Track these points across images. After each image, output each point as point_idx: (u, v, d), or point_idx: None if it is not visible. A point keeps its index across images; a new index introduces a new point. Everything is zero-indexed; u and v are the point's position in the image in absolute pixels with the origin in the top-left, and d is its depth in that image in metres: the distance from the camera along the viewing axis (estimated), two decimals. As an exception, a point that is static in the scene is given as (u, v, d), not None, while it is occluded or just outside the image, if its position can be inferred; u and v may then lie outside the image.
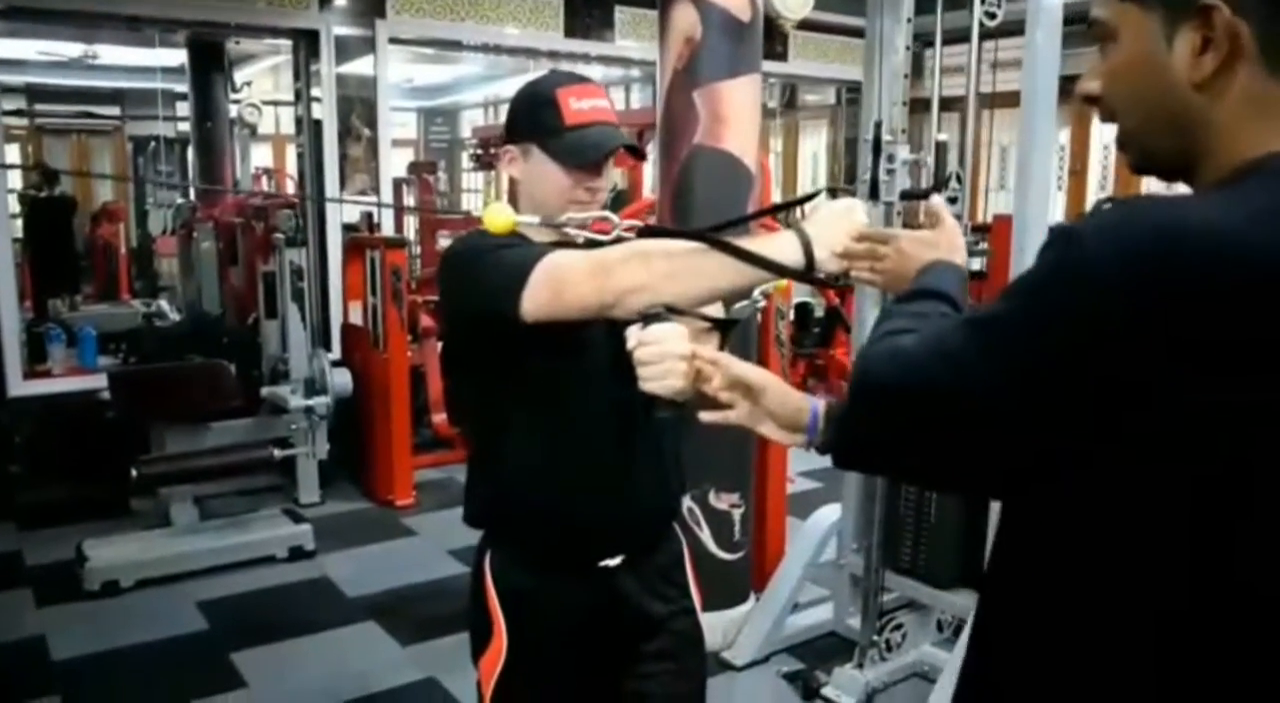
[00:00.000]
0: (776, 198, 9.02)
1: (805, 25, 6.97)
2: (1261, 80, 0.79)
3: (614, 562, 1.68)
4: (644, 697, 1.75)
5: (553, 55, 6.76)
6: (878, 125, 3.03)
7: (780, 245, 1.29)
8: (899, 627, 3.29)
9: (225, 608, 3.78)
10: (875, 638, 3.20)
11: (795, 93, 9.61)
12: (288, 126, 10.59)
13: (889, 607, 3.30)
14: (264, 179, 10.37)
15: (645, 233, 1.53)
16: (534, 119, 1.61)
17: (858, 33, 3.59)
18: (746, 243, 1.33)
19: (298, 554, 4.23)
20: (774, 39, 7.41)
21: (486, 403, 1.71)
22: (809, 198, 1.48)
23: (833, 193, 1.61)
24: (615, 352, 1.48)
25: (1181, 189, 0.88)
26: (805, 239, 1.28)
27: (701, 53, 3.26)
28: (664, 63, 3.36)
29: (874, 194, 3.00)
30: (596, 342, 1.55)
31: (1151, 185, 1.09)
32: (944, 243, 1.23)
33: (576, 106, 1.59)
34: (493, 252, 1.48)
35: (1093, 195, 7.27)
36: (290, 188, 9.48)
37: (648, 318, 1.30)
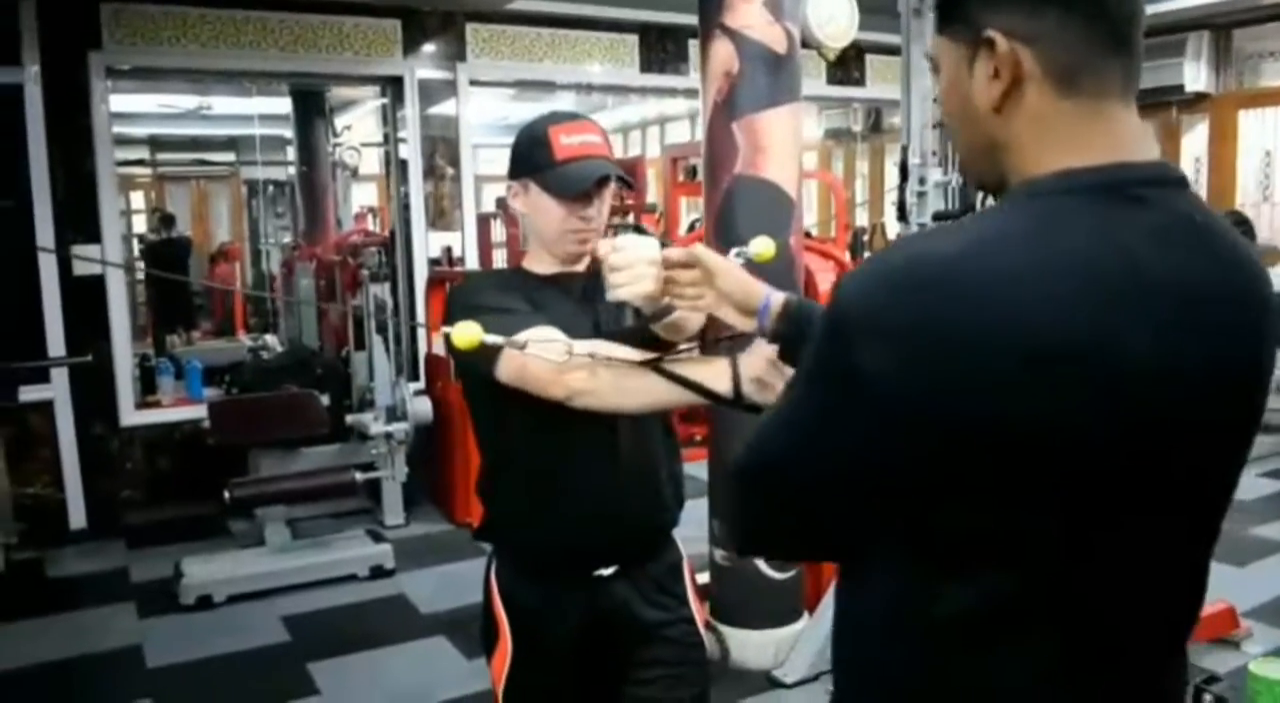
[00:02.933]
0: (861, 221, 9.05)
1: (883, 50, 7.04)
2: (1050, 101, 0.85)
3: (608, 572, 1.79)
4: (645, 702, 1.83)
5: (631, 90, 6.95)
6: (904, 149, 3.10)
7: (714, 372, 1.45)
8: (947, 644, 3.29)
9: (306, 622, 4.01)
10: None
11: (880, 116, 9.62)
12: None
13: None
14: (369, 217, 10.83)
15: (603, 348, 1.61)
16: (529, 156, 1.74)
17: None
18: (686, 366, 1.49)
19: (378, 573, 4.45)
20: (849, 66, 7.48)
21: (487, 422, 1.86)
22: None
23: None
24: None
25: None
26: (735, 372, 1.43)
27: (739, 85, 3.37)
28: (705, 96, 3.49)
29: (902, 216, 3.07)
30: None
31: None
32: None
33: (566, 142, 1.71)
34: (480, 311, 1.57)
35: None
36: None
37: (619, 228, 1.43)
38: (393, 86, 6.13)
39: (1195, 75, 6.84)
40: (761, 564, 3.48)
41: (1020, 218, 0.84)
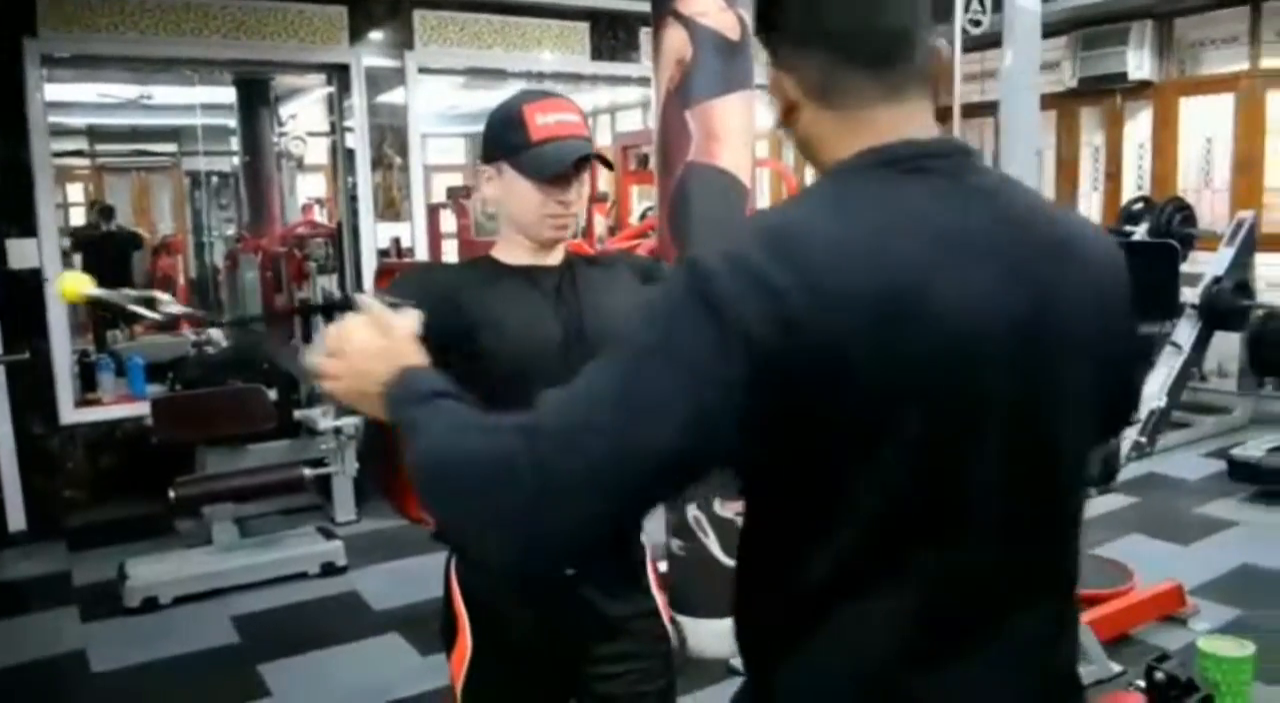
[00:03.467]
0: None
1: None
2: (817, 113, 1.01)
3: (570, 570, 1.73)
4: (608, 698, 1.80)
5: (581, 78, 6.90)
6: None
7: None
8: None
9: (257, 622, 3.94)
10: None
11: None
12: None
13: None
14: (315, 208, 10.67)
15: None
16: (503, 137, 1.67)
17: None
18: None
19: (329, 570, 4.38)
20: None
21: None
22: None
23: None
24: (570, 374, 1.57)
25: None
26: None
27: (693, 72, 3.35)
28: (658, 83, 3.46)
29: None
30: (551, 366, 1.61)
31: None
32: (397, 351, 1.12)
33: (542, 121, 1.64)
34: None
35: (1128, 195, 7.19)
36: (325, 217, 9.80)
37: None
38: (339, 74, 6.02)
39: (1139, 63, 6.93)
40: (718, 551, 3.47)
41: (830, 192, 0.98)
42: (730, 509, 3.50)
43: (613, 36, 6.80)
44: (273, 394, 5.11)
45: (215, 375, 5.51)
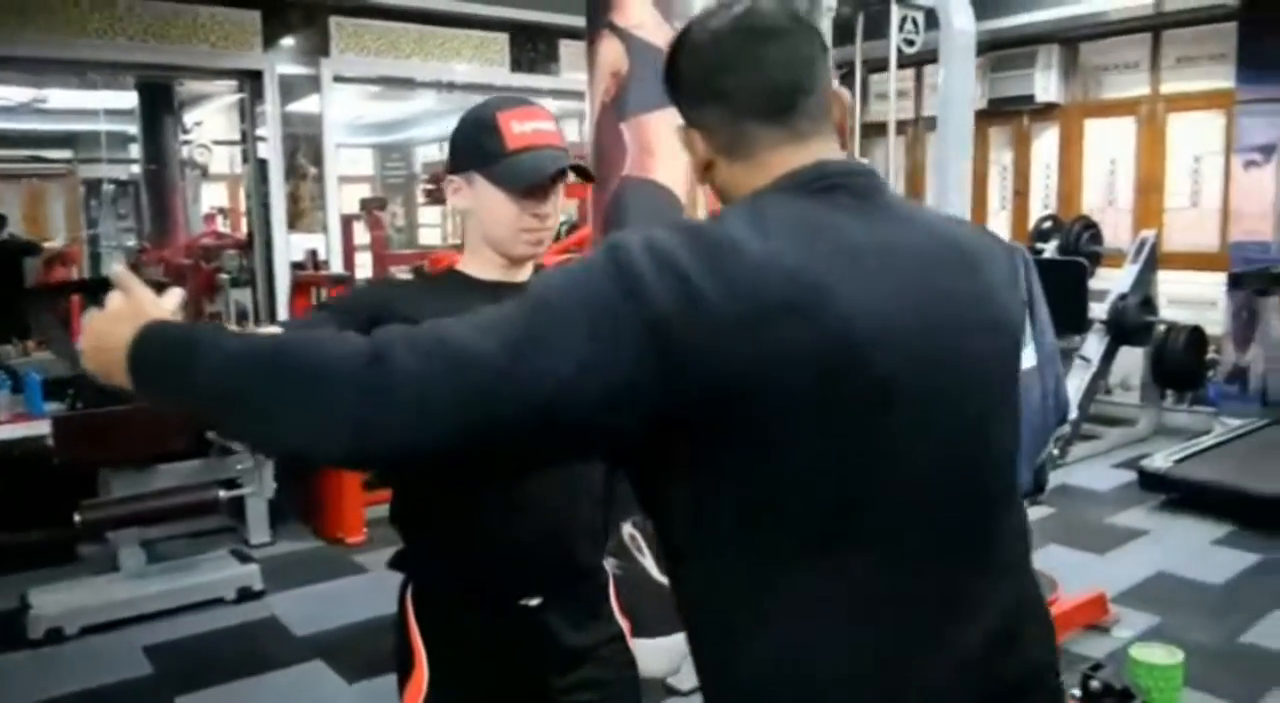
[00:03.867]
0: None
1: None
2: (727, 166, 1.08)
3: (534, 602, 1.67)
4: None
5: (499, 90, 6.83)
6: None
7: None
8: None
9: (170, 652, 3.75)
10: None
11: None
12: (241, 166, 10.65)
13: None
14: (218, 218, 10.35)
15: None
16: (476, 145, 1.57)
17: None
18: None
19: (246, 595, 4.21)
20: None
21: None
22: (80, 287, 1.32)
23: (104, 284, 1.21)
24: None
25: None
26: None
27: (628, 86, 3.32)
28: (593, 96, 3.42)
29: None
30: None
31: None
32: (136, 311, 1.07)
33: (519, 130, 1.56)
34: None
35: (1035, 214, 7.41)
36: (246, 227, 9.51)
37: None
38: (251, 81, 5.85)
39: (1045, 86, 7.16)
40: (654, 570, 3.44)
41: (745, 208, 1.00)
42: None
43: (532, 49, 6.76)
44: (182, 412, 4.90)
45: (120, 392, 5.26)
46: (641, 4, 3.27)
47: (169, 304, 1.12)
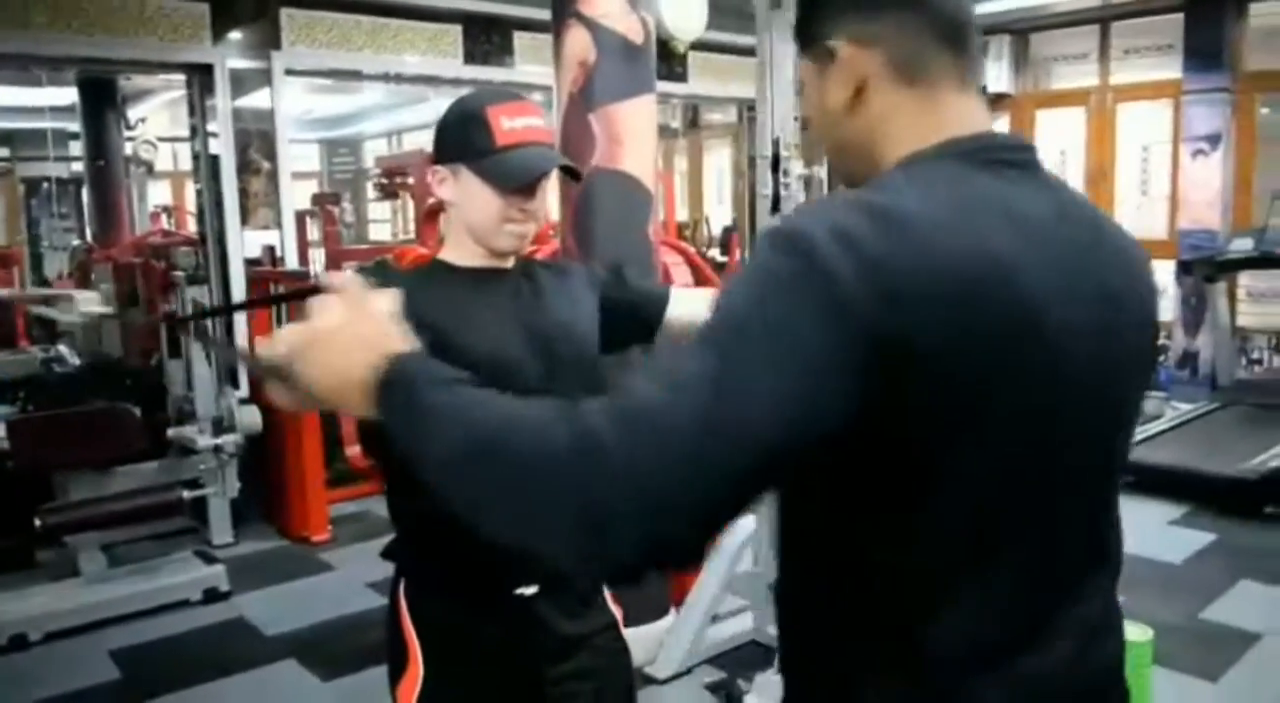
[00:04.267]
0: (682, 215, 9.15)
1: (703, 46, 7.11)
2: (892, 94, 0.97)
3: (529, 591, 1.67)
4: None
5: (454, 82, 6.76)
6: (776, 141, 3.11)
7: None
8: (817, 631, 3.34)
9: (138, 656, 3.68)
10: (794, 643, 3.25)
11: (698, 113, 9.76)
12: (187, 162, 10.44)
13: (806, 612, 3.36)
14: (163, 217, 10.15)
15: None
16: (464, 139, 1.57)
17: (754, 52, 3.58)
18: None
19: (212, 596, 4.15)
20: (672, 60, 7.53)
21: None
22: (297, 296, 1.32)
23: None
24: (527, 389, 1.51)
25: None
26: None
27: (596, 76, 3.31)
28: (560, 86, 3.41)
29: (775, 208, 3.08)
30: (511, 378, 1.54)
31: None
32: (374, 331, 0.99)
33: (509, 125, 1.55)
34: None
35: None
36: (192, 225, 9.33)
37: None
38: (200, 75, 5.72)
39: (997, 76, 7.27)
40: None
41: (913, 178, 0.91)
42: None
43: (486, 40, 6.69)
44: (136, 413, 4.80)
45: (72, 394, 5.16)
46: (609, -7, 3.26)
47: (389, 307, 1.03)
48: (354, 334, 0.98)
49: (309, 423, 4.89)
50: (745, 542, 3.54)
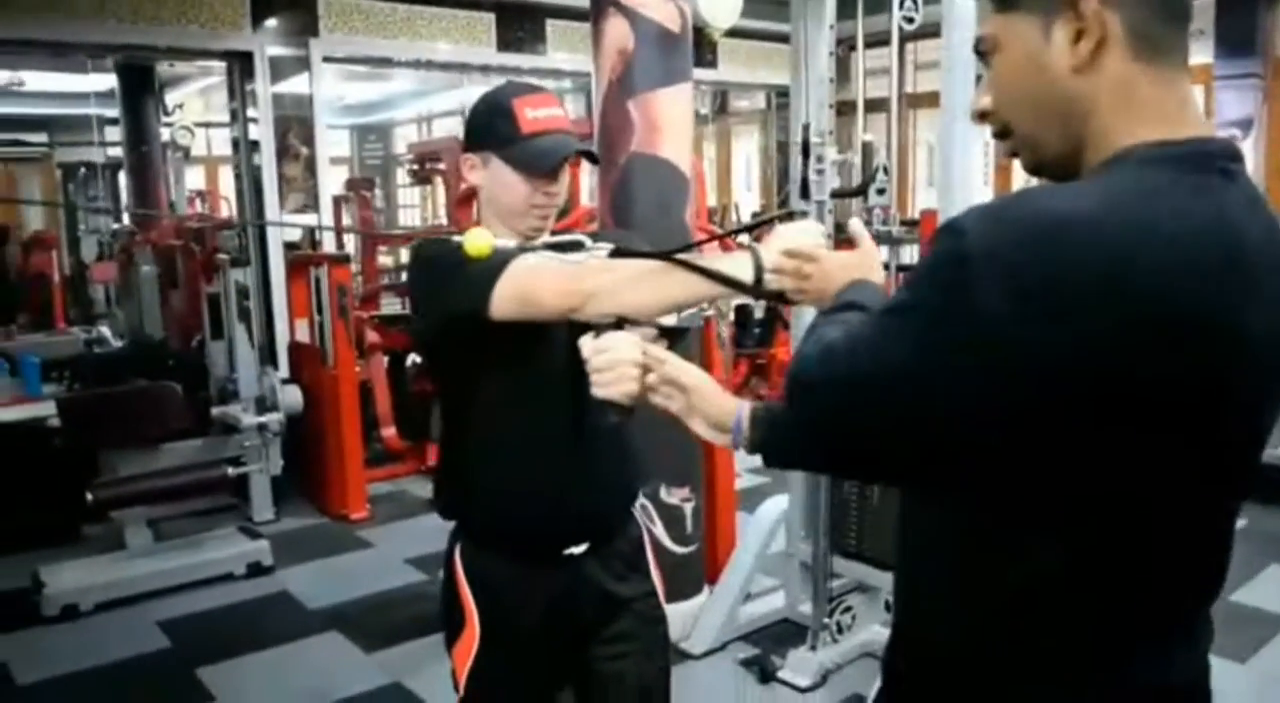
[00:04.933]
0: (710, 201, 9.20)
1: (733, 33, 7.14)
2: (1127, 64, 0.89)
3: (579, 550, 1.76)
4: (616, 676, 1.83)
5: (485, 69, 6.84)
6: (806, 128, 3.17)
7: (735, 263, 1.40)
8: (849, 609, 3.41)
9: (187, 626, 3.80)
10: (826, 621, 3.32)
11: (726, 99, 9.79)
12: (219, 148, 10.56)
13: (838, 591, 3.42)
14: (198, 202, 10.29)
15: (616, 254, 1.60)
16: (491, 128, 1.70)
17: (784, 38, 3.63)
18: (704, 260, 1.44)
19: (256, 570, 4.26)
20: (702, 47, 7.54)
21: (455, 398, 1.81)
22: (768, 221, 1.60)
23: (789, 216, 1.73)
24: (575, 351, 1.59)
25: None
26: (757, 259, 1.38)
27: (634, 64, 3.37)
28: (599, 74, 3.47)
29: (805, 194, 3.13)
30: (558, 341, 1.62)
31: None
32: (864, 264, 1.34)
33: (532, 115, 1.68)
34: (469, 259, 1.52)
35: (1019, 187, 7.49)
36: (225, 210, 9.46)
37: (600, 327, 1.37)
38: (240, 62, 5.84)
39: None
40: (666, 539, 3.51)
41: (1133, 183, 0.86)
42: (676, 496, 3.55)
43: (519, 28, 6.77)
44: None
45: (117, 374, 5.28)
46: (647, -17, 3.32)
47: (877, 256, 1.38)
48: (843, 262, 1.34)
49: (348, 403, 5.00)
50: (778, 522, 3.61)
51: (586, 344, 1.37)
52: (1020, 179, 7.75)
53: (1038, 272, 0.79)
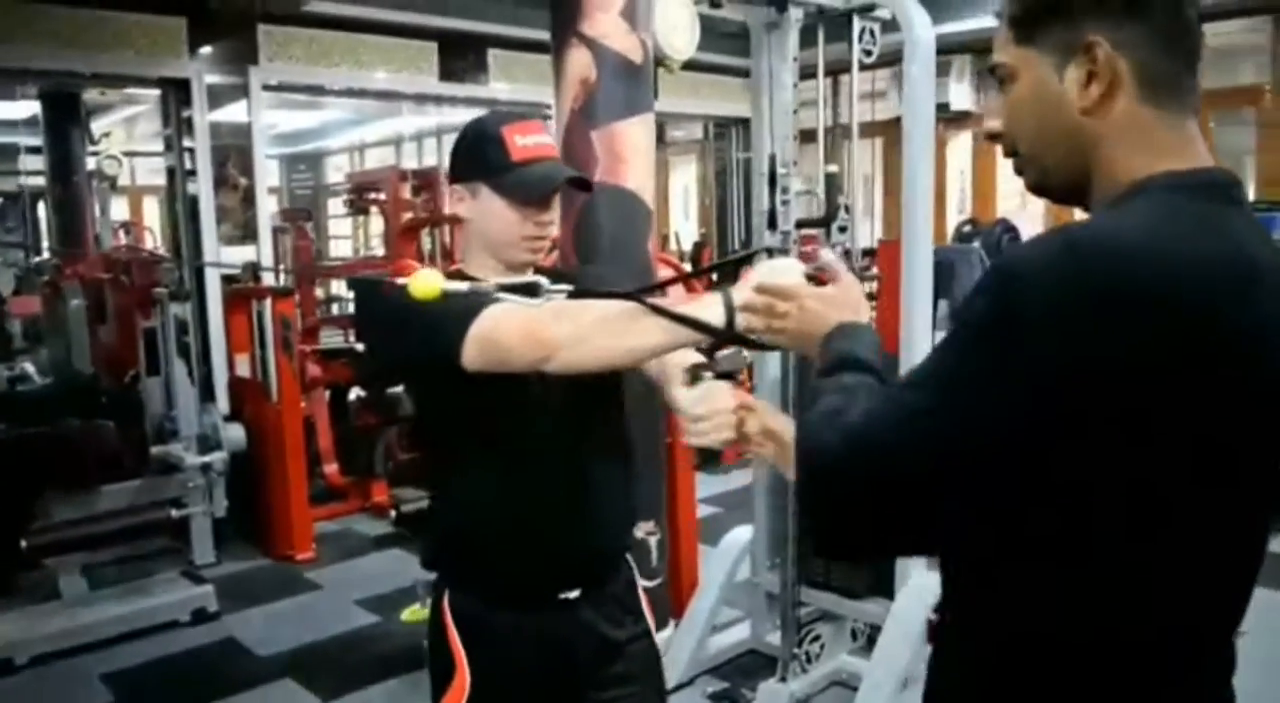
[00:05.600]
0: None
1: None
2: (1136, 106, 0.94)
3: (573, 595, 1.71)
4: None
5: (426, 99, 6.78)
6: (772, 158, 3.17)
7: (706, 306, 1.35)
8: (817, 638, 3.40)
9: (131, 679, 3.63)
10: (795, 651, 3.30)
11: (664, 129, 9.82)
12: (144, 178, 10.27)
13: (805, 620, 3.40)
14: (121, 233, 9.97)
15: (576, 295, 1.54)
16: (481, 157, 1.64)
17: (724, 69, 3.69)
18: (674, 305, 1.39)
19: (201, 617, 4.10)
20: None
21: (438, 441, 1.75)
22: (746, 259, 1.58)
23: (769, 253, 1.72)
24: (564, 387, 1.54)
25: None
26: (729, 301, 1.33)
27: (597, 94, 3.35)
28: (560, 104, 3.44)
29: (772, 224, 3.13)
30: (549, 380, 1.54)
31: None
32: (848, 302, 1.22)
33: (522, 143, 1.62)
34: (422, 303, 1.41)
35: (952, 217, 7.65)
36: (150, 241, 9.20)
37: (695, 377, 1.40)
38: (176, 89, 5.68)
39: (960, 94, 7.42)
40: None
41: (1166, 210, 0.89)
42: (641, 530, 3.50)
43: (462, 58, 6.71)
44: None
45: (45, 413, 5.05)
46: (609, 14, 3.31)
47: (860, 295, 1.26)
48: (827, 299, 1.21)
49: (294, 440, 4.86)
50: (742, 552, 3.58)
51: (683, 395, 1.43)
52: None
53: (1084, 293, 0.82)
